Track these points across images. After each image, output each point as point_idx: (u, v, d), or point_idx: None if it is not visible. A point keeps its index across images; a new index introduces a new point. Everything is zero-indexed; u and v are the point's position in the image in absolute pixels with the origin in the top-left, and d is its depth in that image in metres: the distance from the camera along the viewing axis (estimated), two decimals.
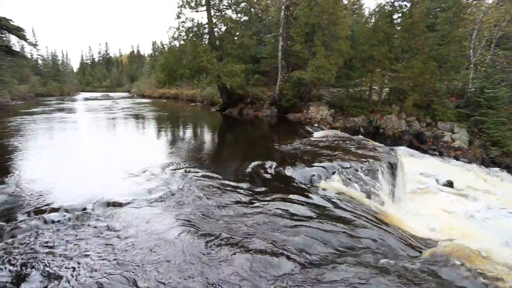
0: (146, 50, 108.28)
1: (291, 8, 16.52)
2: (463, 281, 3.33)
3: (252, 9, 17.91)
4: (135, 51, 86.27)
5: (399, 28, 16.31)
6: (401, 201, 7.14)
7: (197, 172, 6.03)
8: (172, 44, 17.23)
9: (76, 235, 3.53)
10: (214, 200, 4.62)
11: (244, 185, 5.40)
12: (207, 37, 17.40)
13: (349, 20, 18.15)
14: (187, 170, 6.12)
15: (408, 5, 15.84)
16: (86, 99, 39.69)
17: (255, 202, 4.62)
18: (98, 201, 4.36)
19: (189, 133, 12.75)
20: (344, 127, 15.26)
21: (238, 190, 5.13)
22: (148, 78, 51.94)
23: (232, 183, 5.43)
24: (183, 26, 16.50)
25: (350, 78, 16.64)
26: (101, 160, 7.22)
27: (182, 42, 16.69)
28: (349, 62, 16.16)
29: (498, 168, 13.34)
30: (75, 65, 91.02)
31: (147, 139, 10.75)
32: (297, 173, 6.00)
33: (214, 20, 16.82)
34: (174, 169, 6.18)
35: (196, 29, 16.83)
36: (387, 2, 16.28)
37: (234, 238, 3.50)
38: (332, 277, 2.91)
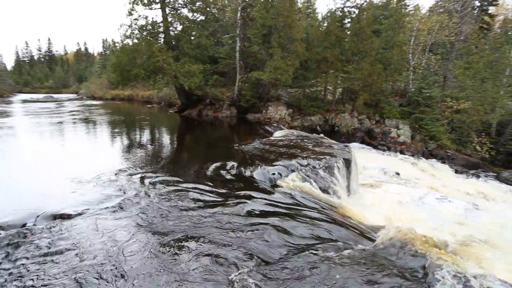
0: (96, 48, 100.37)
1: (247, 10, 16.66)
2: (409, 262, 3.68)
3: (209, 9, 17.70)
4: (83, 49, 79.74)
5: (349, 32, 17.45)
6: (356, 194, 7.62)
7: (156, 176, 5.76)
8: (124, 42, 16.26)
9: (11, 259, 3.08)
10: (174, 205, 4.46)
11: (205, 187, 5.30)
12: (163, 36, 16.76)
13: (303, 23, 18.90)
14: (145, 175, 5.81)
15: (356, 11, 17.00)
16: (25, 101, 35.47)
17: (216, 204, 4.56)
18: (41, 215, 3.91)
19: (145, 136, 12.13)
20: (302, 126, 15.83)
21: (198, 192, 5.02)
22: (98, 78, 48.36)
23: (192, 186, 5.29)
24: (135, 24, 15.67)
25: (306, 79, 17.34)
26: (45, 169, 6.50)
27: (135, 40, 15.84)
28: (304, 64, 16.82)
29: (435, 160, 14.97)
30: (9, 63, 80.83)
31: (99, 144, 9.95)
32: (257, 172, 6.06)
33: (170, 19, 16.26)
34: (131, 175, 5.83)
35: (150, 27, 16.10)
36: (337, 8, 17.30)
37: (195, 241, 3.41)
38: (293, 271, 2.98)
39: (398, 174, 10.79)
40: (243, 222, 3.95)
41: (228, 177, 5.98)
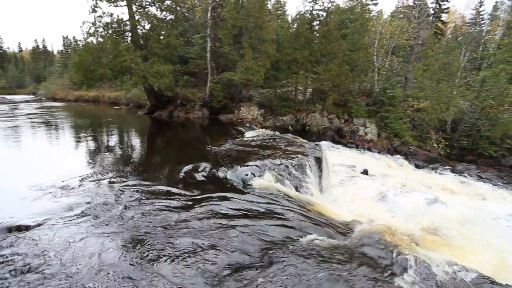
0: (56, 46, 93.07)
1: (218, 10, 16.54)
2: (378, 253, 3.86)
3: (178, 8, 17.30)
4: (40, 46, 73.99)
5: (317, 34, 18.00)
6: (328, 191, 7.87)
7: (126, 181, 5.50)
8: (88, 40, 15.34)
9: None
10: (145, 210, 4.28)
11: (177, 190, 5.16)
12: (130, 35, 16.07)
13: (274, 24, 19.16)
14: (114, 180, 5.53)
15: (324, 14, 17.58)
16: None
17: (190, 206, 4.46)
18: None
19: (113, 139, 11.54)
20: (274, 126, 16.03)
21: (171, 196, 4.87)
22: (59, 78, 45.20)
23: (164, 189, 5.13)
24: (100, 21, 14.87)
25: (277, 79, 17.60)
26: None
27: (100, 39, 15.02)
28: (275, 64, 17.05)
29: (399, 156, 15.91)
30: None
31: (62, 150, 9.22)
32: (231, 173, 6.02)
33: (137, 17, 15.63)
34: (98, 180, 5.51)
35: (116, 25, 15.36)
36: (306, 11, 17.77)
37: (168, 245, 3.30)
38: (268, 269, 2.99)
39: (366, 170, 11.31)
40: (217, 224, 3.90)
41: (201, 179, 5.88)
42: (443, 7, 23.50)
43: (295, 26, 18.63)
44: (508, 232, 7.88)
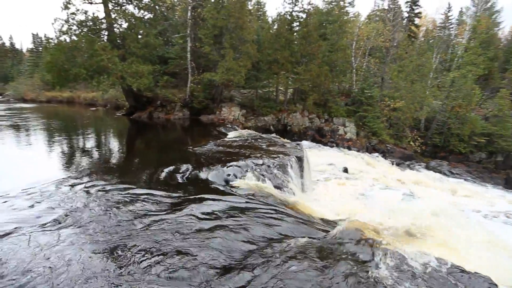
0: (25, 44, 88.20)
1: (198, 10, 16.36)
2: (358, 249, 3.98)
3: (157, 7, 16.93)
4: (7, 44, 69.64)
5: (297, 35, 18.26)
6: (309, 190, 8.00)
7: (103, 185, 5.32)
8: (60, 39, 14.66)
9: None
10: (125, 214, 4.15)
11: (159, 192, 5.06)
12: (106, 34, 15.54)
13: (254, 25, 19.21)
14: (91, 184, 5.32)
15: (304, 16, 17.87)
16: None
17: (171, 209, 4.39)
18: None
19: (90, 142, 11.12)
20: (256, 126, 16.09)
21: (152, 198, 4.77)
22: (30, 78, 42.81)
23: (145, 192, 5.01)
24: (73, 19, 14.27)
25: (259, 80, 17.68)
26: None
27: (74, 37, 14.41)
28: (256, 65, 17.13)
29: (377, 154, 16.47)
30: None
31: (34, 154, 8.67)
32: (213, 174, 5.99)
33: (113, 15, 15.14)
34: (73, 185, 5.29)
35: (91, 23, 14.79)
36: (286, 12, 17.98)
37: (150, 249, 3.23)
38: (252, 269, 3.01)
39: (346, 168, 11.61)
40: (199, 226, 3.86)
41: (183, 180, 5.80)
42: (416, 11, 24.61)
43: (275, 27, 18.80)
44: (474, 223, 8.39)
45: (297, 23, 18.34)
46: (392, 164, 15.48)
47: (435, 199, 9.90)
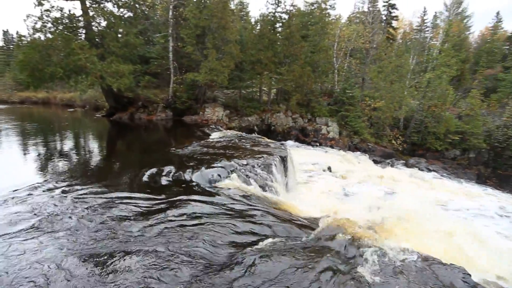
0: None
1: (180, 9, 16.14)
2: (341, 245, 4.07)
3: (137, 5, 16.53)
4: None
5: (280, 36, 18.41)
6: (293, 189, 8.08)
7: (83, 189, 5.12)
8: (34, 36, 13.99)
9: None
10: (104, 219, 4.02)
11: (141, 195, 4.94)
12: (84, 32, 15.00)
13: (237, 25, 19.19)
14: (69, 189, 5.11)
15: (286, 17, 18.03)
16: None
17: (153, 212, 4.30)
18: None
19: (69, 145, 10.67)
20: (240, 127, 16.07)
21: (133, 202, 4.65)
22: (0, 77, 40.61)
23: (126, 196, 4.87)
24: (48, 16, 13.67)
25: (242, 80, 17.68)
26: None
27: (49, 35, 13.80)
28: (240, 65, 17.11)
29: (359, 152, 16.89)
30: None
31: (8, 158, 8.14)
32: (196, 175, 5.92)
33: (91, 13, 14.62)
34: (50, 190, 5.05)
35: (67, 21, 14.23)
36: (269, 13, 18.08)
37: (133, 253, 3.14)
38: (237, 270, 3.00)
39: (330, 167, 11.82)
40: (183, 228, 3.81)
41: (166, 183, 5.69)
42: (393, 14, 25.41)
43: (258, 28, 18.87)
44: (450, 216, 8.80)
45: (280, 24, 18.48)
46: (374, 162, 15.92)
47: (414, 195, 10.28)
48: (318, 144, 17.14)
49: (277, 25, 18.58)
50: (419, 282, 3.43)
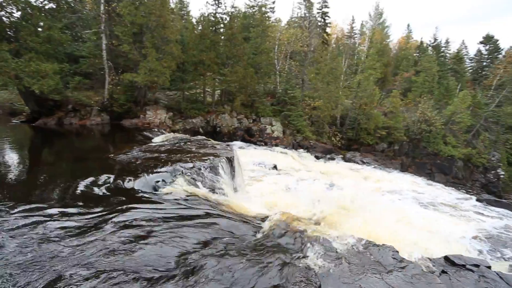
0: None
1: (113, 4, 14.92)
2: (288, 240, 4.33)
3: None
4: None
5: (223, 37, 18.42)
6: (241, 189, 8.18)
7: (2, 208, 4.38)
8: None
9: None
10: (32, 238, 3.49)
11: (75, 210, 4.44)
12: None
13: (178, 24, 18.58)
14: None
15: (228, 18, 18.11)
16: None
17: (91, 226, 3.93)
18: None
19: None
20: (184, 129, 15.63)
21: (67, 217, 4.16)
22: None
23: (57, 212, 4.31)
24: None
25: (185, 81, 17.20)
26: None
27: None
28: (182, 66, 16.62)
29: (302, 149, 17.92)
30: None
31: None
32: (138, 182, 5.59)
33: None
34: None
35: None
36: (210, 13, 17.93)
37: (64, 275, 2.84)
38: (187, 278, 2.96)
39: (275, 165, 12.28)
40: (127, 239, 3.57)
41: (104, 193, 5.24)
42: (326, 21, 27.54)
43: (200, 28, 18.56)
44: (382, 202, 9.98)
45: (222, 25, 18.48)
46: (316, 158, 17.06)
47: (352, 186, 11.34)
48: (263, 143, 17.64)
49: (219, 26, 18.55)
50: (357, 264, 3.85)
